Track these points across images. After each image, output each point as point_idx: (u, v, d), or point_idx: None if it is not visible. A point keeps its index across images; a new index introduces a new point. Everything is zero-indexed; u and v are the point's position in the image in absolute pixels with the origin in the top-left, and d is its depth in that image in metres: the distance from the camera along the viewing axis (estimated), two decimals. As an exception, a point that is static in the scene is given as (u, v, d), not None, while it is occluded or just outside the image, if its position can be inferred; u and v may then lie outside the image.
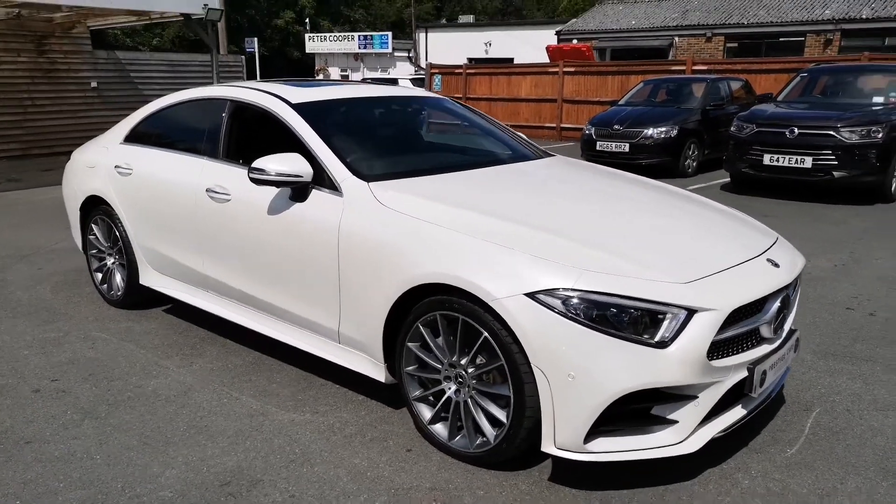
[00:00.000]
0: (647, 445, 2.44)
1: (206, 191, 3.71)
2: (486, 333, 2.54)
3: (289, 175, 3.16)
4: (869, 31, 21.60)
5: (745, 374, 2.56)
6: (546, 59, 22.21)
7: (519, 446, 2.58)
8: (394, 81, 21.84)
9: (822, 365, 3.66)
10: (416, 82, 21.83)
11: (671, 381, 2.37)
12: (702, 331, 2.38)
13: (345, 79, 39.45)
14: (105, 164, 4.51)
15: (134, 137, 4.47)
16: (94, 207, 4.66)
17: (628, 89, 14.76)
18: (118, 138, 4.59)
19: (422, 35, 36.74)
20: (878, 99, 8.87)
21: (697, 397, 2.46)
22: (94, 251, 4.79)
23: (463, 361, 2.69)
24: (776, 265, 2.77)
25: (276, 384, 3.49)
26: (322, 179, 3.21)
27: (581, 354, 2.35)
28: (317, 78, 40.78)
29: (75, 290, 5.06)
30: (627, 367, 2.34)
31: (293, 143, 3.45)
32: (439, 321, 2.70)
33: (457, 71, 18.95)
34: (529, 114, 17.30)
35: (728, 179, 9.63)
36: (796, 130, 8.33)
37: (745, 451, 2.81)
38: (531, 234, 2.65)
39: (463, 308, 2.60)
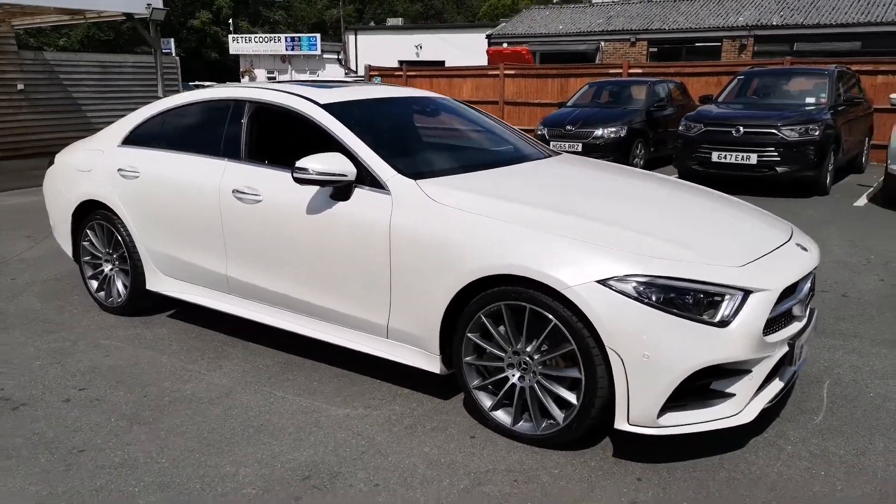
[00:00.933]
0: (710, 418, 2.65)
1: (233, 192, 3.69)
2: (555, 320, 2.69)
3: (334, 174, 3.20)
4: (779, 37, 23.07)
5: (786, 349, 2.81)
6: (485, 62, 22.62)
7: (588, 426, 2.74)
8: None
9: (817, 342, 3.99)
10: (354, 84, 21.69)
11: (733, 357, 2.59)
12: (758, 309, 2.61)
13: (272, 80, 38.74)
14: (104, 168, 4.38)
15: (134, 140, 4.37)
16: (89, 212, 4.52)
17: (568, 91, 15.30)
18: (114, 141, 4.46)
19: (351, 37, 36.54)
20: (811, 100, 9.57)
21: (751, 371, 2.69)
22: (87, 258, 4.64)
23: (528, 349, 2.82)
24: (805, 249, 3.04)
25: (316, 382, 3.52)
26: (363, 178, 3.27)
27: (653, 335, 2.53)
28: (242, 80, 39.95)
29: (64, 299, 4.88)
30: (695, 345, 2.53)
31: (323, 143, 3.49)
32: (504, 311, 2.83)
33: (397, 73, 19.01)
34: (471, 115, 17.52)
35: (676, 176, 10.15)
36: (741, 129, 8.90)
37: (778, 421, 3.07)
38: (589, 226, 2.82)
39: (530, 297, 2.73)
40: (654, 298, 2.55)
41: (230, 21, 49.39)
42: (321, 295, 3.44)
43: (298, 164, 3.22)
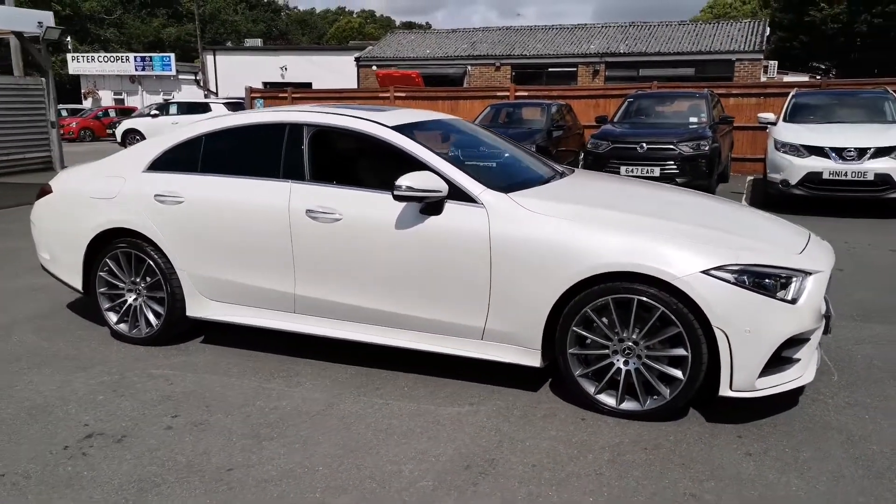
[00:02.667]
0: (786, 380, 3.23)
1: (306, 212, 3.81)
2: (662, 308, 3.16)
3: (431, 191, 3.48)
4: (626, 64, 25.53)
5: (824, 321, 3.47)
6: (354, 84, 22.88)
7: (691, 397, 3.22)
8: (205, 107, 20.88)
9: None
10: (233, 106, 21.11)
11: (804, 328, 3.19)
12: (817, 288, 3.24)
13: (119, 103, 36.41)
14: (133, 194, 4.27)
15: (164, 166, 4.30)
16: (108, 241, 4.37)
17: (457, 113, 16.05)
18: (137, 167, 4.36)
19: (210, 57, 35.27)
20: (693, 119, 10.93)
21: (810, 339, 3.31)
22: (104, 289, 4.46)
23: (634, 336, 3.27)
24: (826, 242, 3.76)
25: (405, 388, 3.72)
26: (452, 194, 3.57)
27: (751, 313, 3.08)
28: (85, 102, 37.13)
29: (68, 335, 4.63)
30: (780, 319, 3.11)
31: (392, 163, 3.75)
32: (611, 304, 3.26)
33: (281, 94, 18.85)
34: (361, 137, 17.77)
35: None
36: (645, 146, 10.00)
37: (808, 382, 3.74)
38: (675, 226, 3.33)
39: (638, 290, 3.18)
40: (747, 282, 3.10)
41: (68, 39, 45.71)
42: (410, 304, 3.67)
43: (399, 182, 3.46)
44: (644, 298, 3.19)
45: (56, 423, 3.38)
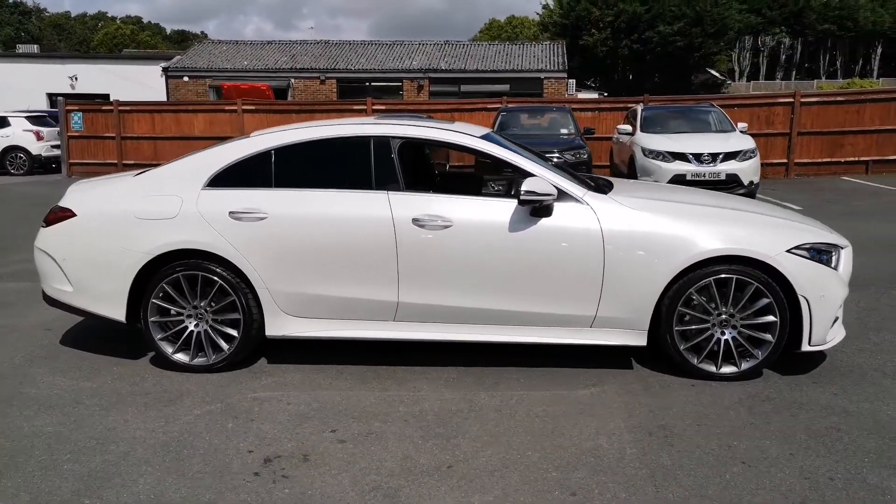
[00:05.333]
0: (837, 335, 4.06)
1: (413, 221, 3.93)
2: (756, 283, 3.83)
3: (547, 194, 3.84)
4: (448, 80, 26.95)
5: (839, 286, 4.39)
6: (163, 96, 21.52)
7: (776, 357, 3.92)
8: (3, 121, 18.23)
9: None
10: (36, 120, 18.69)
11: (846, 293, 4.05)
12: (848, 258, 4.12)
13: None
14: (201, 212, 4.02)
15: (230, 181, 4.11)
16: (161, 265, 4.07)
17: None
18: (195, 184, 4.12)
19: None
20: (564, 130, 12.13)
21: (842, 303, 4.20)
22: (156, 317, 4.13)
23: (730, 309, 3.90)
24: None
25: (522, 380, 4.00)
26: (558, 196, 3.94)
27: (822, 283, 3.86)
28: None
29: (107, 371, 4.20)
30: (838, 285, 3.93)
31: (490, 171, 4.05)
32: (712, 284, 3.86)
33: (105, 108, 17.24)
34: (206, 152, 16.89)
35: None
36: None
37: (818, 338, 4.65)
38: (747, 216, 4.04)
39: (736, 270, 3.82)
40: (817, 257, 3.88)
41: None
42: (523, 301, 3.96)
43: (523, 188, 3.79)
44: (741, 276, 3.83)
45: (212, 454, 3.18)
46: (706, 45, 44.58)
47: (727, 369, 3.96)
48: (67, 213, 4.21)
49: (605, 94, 31.56)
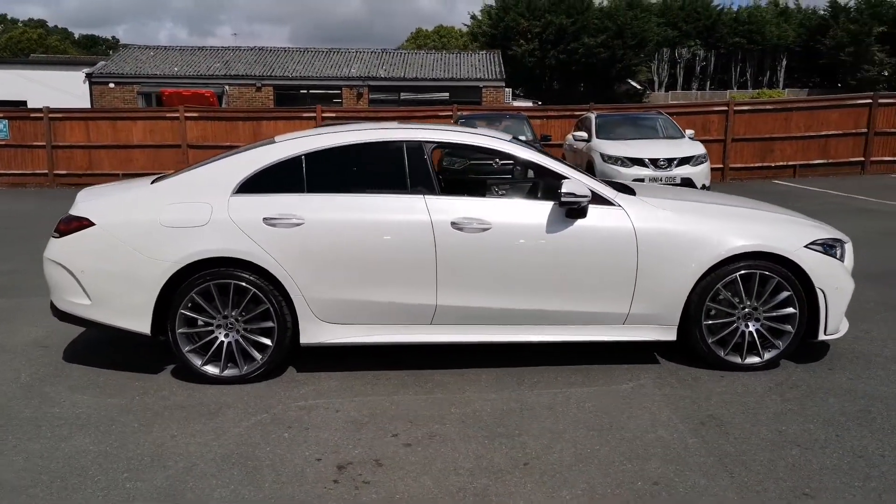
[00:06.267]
0: (844, 325, 4.34)
1: (452, 224, 3.96)
2: (778, 278, 4.06)
3: (584, 196, 3.96)
4: (388, 87, 26.92)
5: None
6: (87, 103, 20.61)
7: (795, 346, 4.16)
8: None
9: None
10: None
11: (853, 285, 4.33)
12: (850, 253, 4.42)
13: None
14: (233, 219, 3.91)
15: (260, 187, 4.02)
16: (189, 274, 3.94)
17: (261, 135, 15.69)
18: (223, 190, 4.01)
19: None
20: (522, 137, 12.32)
21: (846, 294, 4.49)
22: (184, 329, 3.99)
23: (753, 302, 4.11)
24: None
25: (560, 377, 4.08)
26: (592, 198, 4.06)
27: (835, 275, 4.12)
28: None
29: (128, 387, 4.02)
30: (847, 278, 4.21)
31: (511, 174, 4.14)
32: (738, 279, 4.06)
33: (34, 115, 16.34)
34: (147, 161, 16.27)
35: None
36: (499, 161, 11.04)
37: (815, 329, 4.95)
38: (766, 214, 4.28)
39: (760, 265, 4.04)
40: (830, 252, 4.14)
41: None
42: (559, 300, 4.05)
43: (563, 189, 3.89)
44: (765, 271, 4.05)
45: (280, 465, 3.11)
46: (628, 57, 46.36)
47: (751, 360, 4.16)
48: (84, 223, 4.01)
49: (539, 103, 32.27)
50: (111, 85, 26.13)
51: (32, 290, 6.20)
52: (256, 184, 4.05)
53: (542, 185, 4.82)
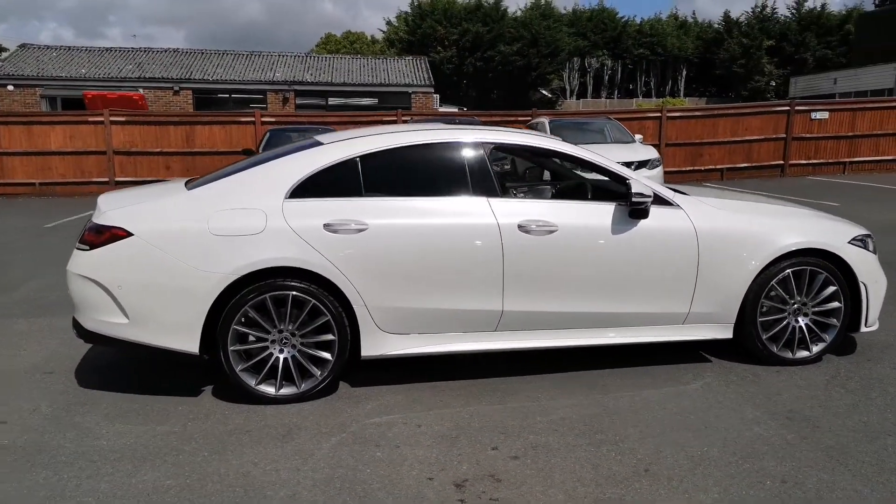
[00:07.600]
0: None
1: (518, 227, 3.84)
2: (825, 273, 4.19)
3: (649, 197, 3.94)
4: (314, 92, 26.32)
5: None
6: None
7: (840, 340, 4.30)
8: None
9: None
10: None
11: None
12: (873, 245, 4.63)
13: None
14: (291, 227, 3.63)
15: (314, 192, 3.76)
16: (244, 286, 3.63)
17: (195, 139, 15.02)
18: (275, 195, 3.72)
19: None
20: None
21: (871, 287, 4.70)
22: (237, 346, 3.67)
23: (803, 298, 4.22)
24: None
25: (620, 378, 4.04)
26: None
27: (874, 269, 4.30)
28: None
29: (173, 411, 3.66)
30: (881, 270, 4.40)
31: (565, 177, 4.10)
32: (790, 275, 4.16)
33: (-63, 119, 14.86)
34: (67, 169, 15.17)
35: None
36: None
37: (832, 322, 5.16)
38: (808, 213, 4.41)
39: (810, 262, 4.15)
40: (868, 247, 4.32)
41: None
42: (623, 302, 4.02)
43: (633, 191, 3.86)
44: (814, 268, 4.17)
45: (391, 486, 2.89)
46: (542, 65, 47.63)
47: (801, 354, 4.27)
48: (119, 233, 3.61)
49: (465, 109, 32.49)
50: (10, 87, 24.23)
51: (3, 309, 5.57)
52: (309, 188, 3.78)
53: (592, 185, 4.78)
